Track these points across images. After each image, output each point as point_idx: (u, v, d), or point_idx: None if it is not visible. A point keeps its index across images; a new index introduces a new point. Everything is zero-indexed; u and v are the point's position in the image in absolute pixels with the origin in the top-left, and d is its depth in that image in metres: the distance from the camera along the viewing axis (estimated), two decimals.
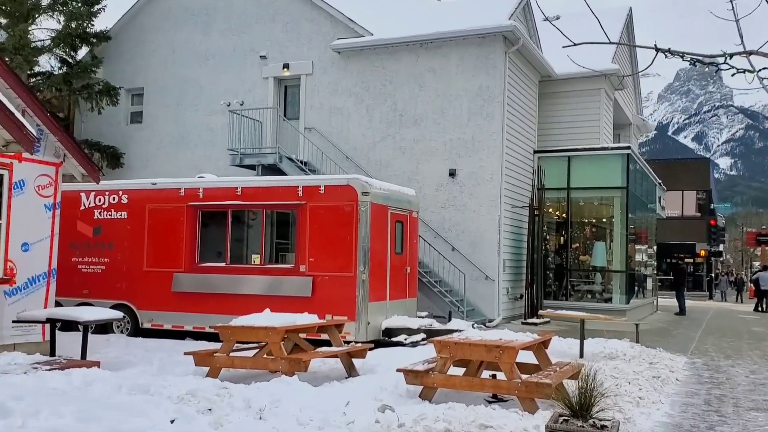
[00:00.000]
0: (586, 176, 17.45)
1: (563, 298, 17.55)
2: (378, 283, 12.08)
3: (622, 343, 11.67)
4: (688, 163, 51.48)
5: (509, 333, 7.43)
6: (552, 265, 18.28)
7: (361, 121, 17.24)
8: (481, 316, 15.33)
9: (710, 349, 12.81)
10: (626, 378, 8.38)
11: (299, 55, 18.18)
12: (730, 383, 9.02)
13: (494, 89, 15.73)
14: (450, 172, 16.05)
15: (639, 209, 19.68)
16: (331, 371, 9.18)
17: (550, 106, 18.79)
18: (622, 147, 17.26)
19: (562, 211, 18.01)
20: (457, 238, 15.86)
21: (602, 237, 18.71)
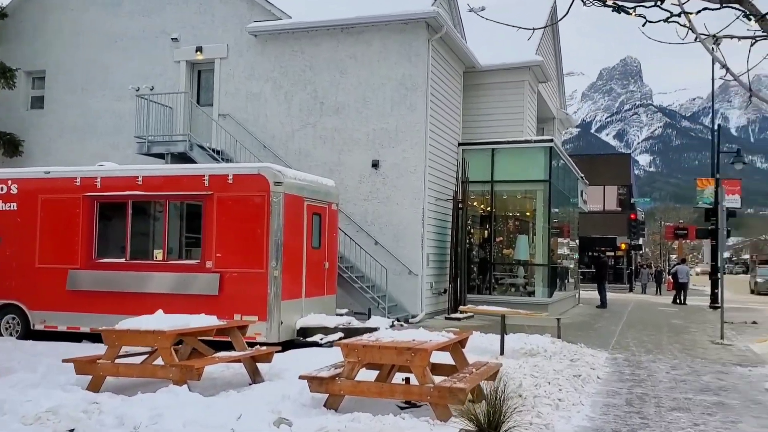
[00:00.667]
0: (509, 169, 17.19)
1: (487, 292, 17.25)
2: (292, 280, 11.35)
3: (543, 338, 11.35)
4: (609, 159, 52.84)
5: (424, 333, 6.87)
6: (476, 259, 17.97)
7: (280, 108, 16.41)
8: (404, 311, 14.82)
9: (631, 344, 12.70)
10: (546, 377, 7.98)
11: (213, 38, 17.16)
12: (652, 380, 8.77)
13: (417, 78, 15.21)
14: (373, 163, 15.45)
15: (561, 203, 19.63)
16: (234, 377, 8.41)
17: (474, 98, 18.45)
18: (545, 140, 17.07)
19: (486, 205, 17.71)
20: (381, 232, 15.29)
21: (525, 230, 18.54)
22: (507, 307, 15.96)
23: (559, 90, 24.39)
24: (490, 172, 17.20)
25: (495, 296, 17.01)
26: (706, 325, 17.03)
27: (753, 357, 11.37)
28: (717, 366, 10.23)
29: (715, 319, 18.93)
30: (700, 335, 14.68)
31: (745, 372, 9.66)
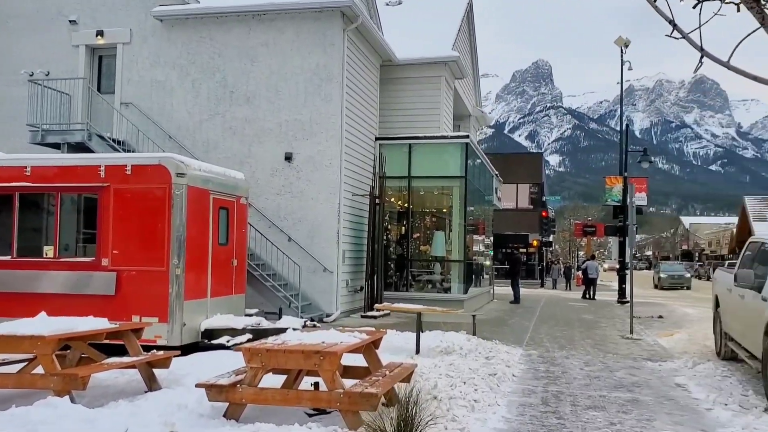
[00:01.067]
0: (426, 165, 17.02)
1: (404, 289, 17.02)
2: (196, 279, 10.63)
3: (459, 335, 11.16)
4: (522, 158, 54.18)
5: (335, 334, 6.42)
6: (393, 256, 17.71)
7: (186, 96, 15.55)
8: (319, 311, 14.34)
9: (545, 339, 12.72)
10: (462, 377, 7.71)
11: (115, 22, 16.08)
12: (566, 377, 8.68)
13: (332, 68, 14.74)
14: (286, 156, 14.86)
15: (477, 199, 19.67)
16: (129, 385, 7.69)
17: (391, 92, 18.16)
18: (461, 136, 17.00)
19: (403, 201, 17.47)
20: (294, 228, 14.73)
21: (442, 227, 18.44)
22: (424, 304, 15.83)
23: (475, 88, 24.52)
24: (407, 167, 16.96)
25: (412, 293, 16.82)
26: (615, 320, 17.44)
27: (661, 351, 11.59)
28: (628, 361, 10.32)
29: (624, 314, 19.48)
30: (610, 330, 14.95)
31: (656, 367, 9.77)
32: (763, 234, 8.68)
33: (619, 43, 25.53)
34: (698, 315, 19.56)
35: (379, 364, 6.91)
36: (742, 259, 9.67)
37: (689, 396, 7.70)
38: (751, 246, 9.58)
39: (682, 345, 12.80)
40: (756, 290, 7.97)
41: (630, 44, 25.55)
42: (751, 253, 9.41)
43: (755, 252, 9.08)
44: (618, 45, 25.59)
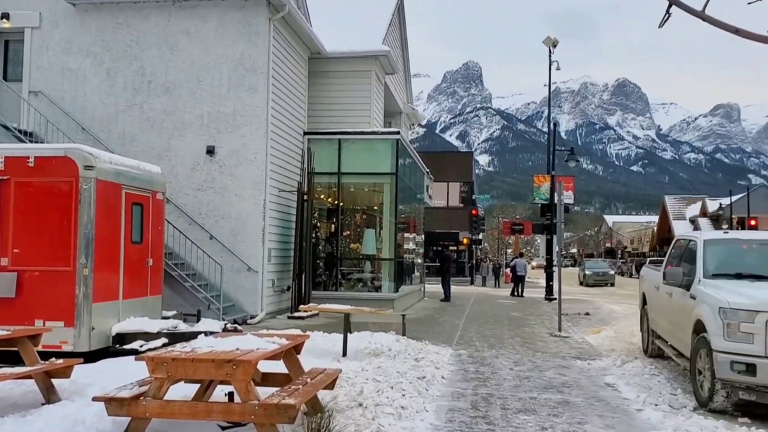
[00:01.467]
0: (356, 161, 16.62)
1: (334, 288, 16.57)
2: (107, 279, 9.88)
3: (388, 336, 10.81)
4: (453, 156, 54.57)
5: (251, 339, 5.92)
6: (322, 254, 17.23)
7: (101, 86, 14.60)
8: (243, 312, 13.72)
9: (474, 338, 12.54)
10: (389, 381, 7.34)
11: (23, 4, 14.95)
12: (496, 378, 8.45)
13: (257, 59, 14.12)
14: (208, 150, 14.15)
15: (408, 197, 19.42)
16: (24, 397, 6.96)
17: (321, 86, 17.67)
18: (392, 132, 16.68)
19: (333, 197, 17.01)
20: (217, 225, 14.04)
21: (373, 224, 18.09)
22: (354, 303, 15.41)
23: (406, 85, 24.29)
24: (336, 163, 16.52)
25: (342, 292, 16.40)
26: (543, 317, 17.52)
27: (589, 349, 11.58)
28: (558, 360, 10.22)
29: (551, 311, 19.65)
30: (539, 328, 14.95)
31: (585, 366, 9.69)
32: (691, 232, 8.69)
33: (548, 43, 25.84)
34: (623, 312, 19.94)
35: (300, 370, 6.45)
36: (669, 257, 9.70)
37: (619, 396, 7.58)
38: (677, 244, 9.63)
39: (610, 342, 12.88)
40: (684, 288, 7.95)
41: (558, 44, 25.90)
42: (677, 251, 9.44)
43: (682, 250, 9.11)
44: (546, 45, 25.90)
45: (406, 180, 18.30)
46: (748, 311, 6.50)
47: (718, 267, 7.84)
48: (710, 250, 8.02)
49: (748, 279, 7.45)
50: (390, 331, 11.25)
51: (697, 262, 7.99)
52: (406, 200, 18.94)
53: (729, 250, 8.20)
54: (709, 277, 7.69)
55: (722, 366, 6.56)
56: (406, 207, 19.13)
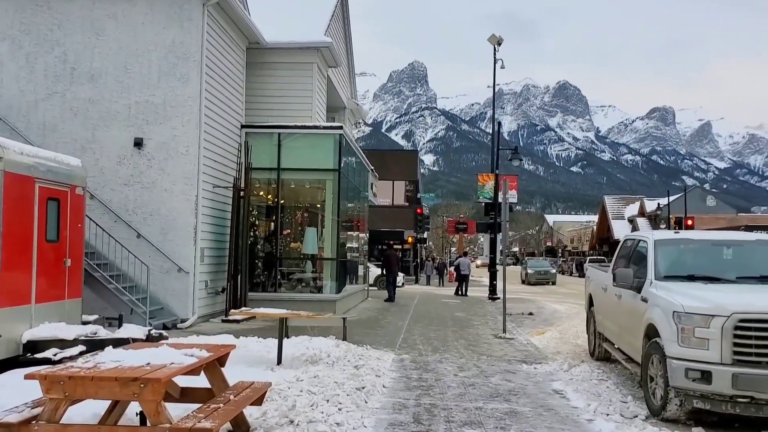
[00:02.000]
0: (297, 156, 15.93)
1: (273, 289, 15.84)
2: (16, 281, 8.97)
3: (327, 341, 10.21)
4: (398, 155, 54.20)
5: (166, 352, 5.24)
6: (261, 254, 16.48)
7: (19, 72, 13.49)
8: (173, 315, 12.87)
9: (418, 341, 12.06)
10: (325, 393, 6.75)
11: None
12: (440, 386, 7.96)
13: (190, 46, 13.28)
14: (136, 142, 13.23)
15: (352, 194, 18.84)
16: None
17: (260, 78, 16.89)
18: (335, 126, 16.03)
19: (272, 194, 16.26)
20: (145, 223, 13.15)
21: (314, 222, 17.43)
22: (294, 305, 14.79)
23: (350, 79, 23.67)
24: (276, 158, 15.79)
25: (281, 294, 15.71)
26: (487, 318, 17.23)
27: (535, 352, 11.25)
28: (503, 364, 9.83)
29: (495, 311, 19.42)
30: (483, 329, 14.61)
31: (531, 370, 9.32)
32: (640, 232, 8.39)
33: (492, 41, 25.71)
34: (566, 311, 19.88)
35: (224, 384, 5.80)
36: (617, 258, 9.42)
37: (568, 404, 7.20)
38: (625, 244, 9.34)
39: (555, 344, 12.61)
40: (635, 290, 7.63)
41: (502, 42, 25.80)
42: (625, 251, 9.16)
43: (630, 250, 8.82)
44: (491, 42, 25.77)
45: (349, 177, 17.72)
46: (703, 315, 6.19)
47: (670, 268, 7.55)
48: (662, 251, 7.73)
49: (702, 281, 7.17)
50: (330, 336, 10.66)
51: (648, 264, 7.69)
52: (349, 198, 18.36)
53: (681, 251, 7.93)
54: (660, 278, 7.38)
55: (676, 373, 6.23)
56: (349, 205, 18.56)
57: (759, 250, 7.75)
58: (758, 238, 7.89)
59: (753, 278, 7.25)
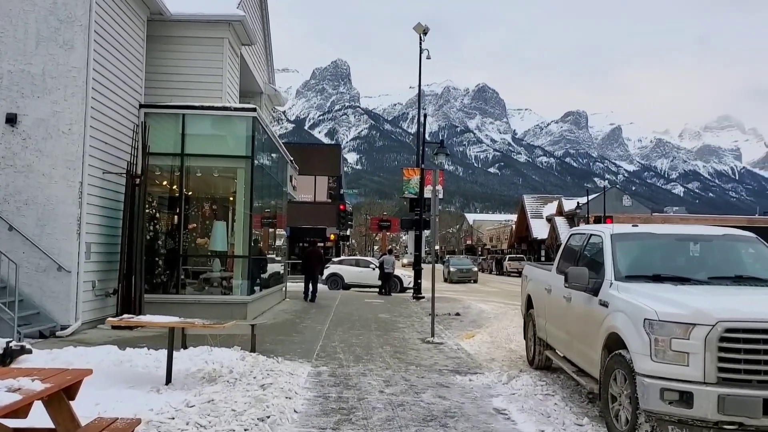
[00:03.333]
0: (204, 141, 14.24)
1: (175, 290, 14.08)
2: None
3: (232, 353, 8.72)
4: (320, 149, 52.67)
5: None
6: (163, 250, 14.67)
7: None
8: (51, 322, 10.97)
9: (338, 349, 10.70)
10: (218, 427, 5.30)
11: None
12: (364, 408, 6.63)
13: (76, 8, 11.38)
14: (8, 118, 11.23)
15: (267, 185, 17.23)
16: None
17: (164, 54, 15.05)
18: (248, 108, 14.38)
19: (176, 183, 14.46)
20: (18, 213, 11.17)
21: (224, 216, 15.74)
22: (199, 309, 13.14)
23: (267, 63, 21.97)
24: (180, 143, 14.03)
25: (186, 296, 14.01)
26: (413, 319, 16.07)
27: (468, 359, 10.12)
28: (434, 375, 8.62)
29: (421, 311, 18.31)
30: (409, 332, 13.42)
31: (466, 383, 8.14)
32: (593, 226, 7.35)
33: (419, 30, 24.67)
34: (493, 311, 19.01)
35: (73, 424, 4.26)
36: (563, 255, 8.37)
37: (515, 429, 6.04)
38: (573, 240, 8.30)
39: (487, 349, 11.56)
40: (591, 293, 6.55)
41: (428, 32, 24.81)
42: (573, 248, 8.10)
43: (580, 247, 7.76)
44: (417, 31, 24.73)
45: (264, 166, 16.13)
46: (681, 324, 5.13)
47: (632, 267, 6.51)
48: (621, 247, 6.68)
49: (670, 281, 6.15)
50: (235, 346, 9.15)
51: (605, 262, 6.63)
52: (264, 189, 16.76)
53: (643, 247, 6.91)
54: (621, 279, 6.33)
55: (649, 394, 5.15)
56: (264, 197, 16.94)
57: (729, 247, 6.82)
58: (727, 233, 6.96)
59: (727, 278, 6.30)
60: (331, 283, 29.00)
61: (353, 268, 30.70)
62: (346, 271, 30.17)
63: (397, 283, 28.01)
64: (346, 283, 29.40)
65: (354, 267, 31.02)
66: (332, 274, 29.52)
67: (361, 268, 30.76)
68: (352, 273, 30.11)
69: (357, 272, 30.24)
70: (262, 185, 16.04)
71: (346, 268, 30.62)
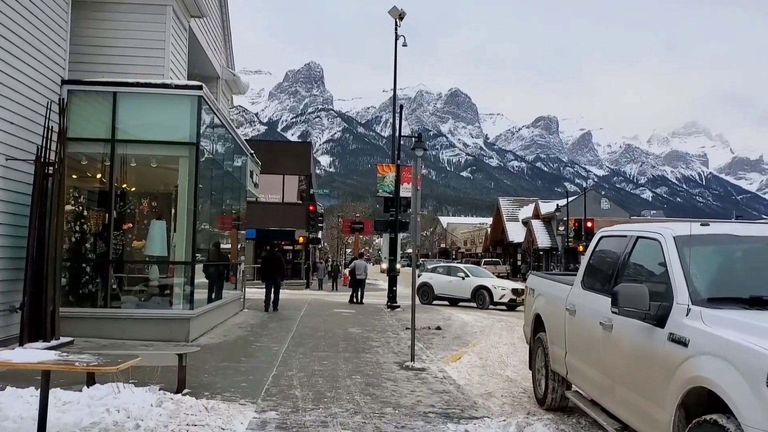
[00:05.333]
0: (140, 125, 11.89)
1: (103, 303, 11.74)
2: None
3: (146, 395, 6.47)
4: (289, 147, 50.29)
5: None
6: (90, 255, 12.31)
7: None
8: None
9: (295, 380, 8.49)
10: None
11: None
12: None
13: None
14: None
15: (219, 179, 14.93)
16: None
17: (95, 22, 12.74)
18: (193, 86, 12.05)
19: (104, 175, 12.11)
20: None
21: (164, 214, 13.39)
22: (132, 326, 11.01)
23: (225, 45, 19.64)
24: (110, 126, 11.69)
25: (115, 310, 11.79)
26: (388, 335, 13.93)
27: (458, 395, 7.98)
28: (419, 423, 6.47)
29: (397, 324, 16.19)
30: (384, 353, 11.27)
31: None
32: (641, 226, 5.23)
33: (394, 14, 22.66)
34: (477, 324, 16.98)
35: None
36: (591, 265, 6.29)
37: None
38: (607, 245, 6.20)
39: (479, 377, 9.48)
40: (653, 322, 4.46)
41: (405, 17, 22.81)
42: (611, 254, 5.99)
43: (621, 254, 5.64)
44: (393, 16, 22.72)
45: (215, 156, 13.82)
46: None
47: (716, 286, 4.45)
48: (694, 256, 4.59)
49: None
50: (152, 385, 6.89)
51: (673, 277, 4.55)
52: (216, 183, 14.49)
53: (724, 255, 4.85)
54: (701, 303, 4.26)
55: None
56: (216, 192, 14.61)
57: None
58: None
59: None
60: (422, 295, 24.93)
61: (444, 278, 26.03)
62: (437, 281, 25.92)
63: (485, 296, 24.43)
64: (436, 295, 25.54)
65: (445, 276, 26.12)
66: (423, 285, 25.39)
67: (451, 277, 25.92)
68: (443, 283, 25.75)
69: (447, 282, 25.74)
70: (212, 178, 13.77)
71: (438, 278, 26.13)
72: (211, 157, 13.32)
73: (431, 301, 25.08)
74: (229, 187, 16.54)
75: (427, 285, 25.72)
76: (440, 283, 25.86)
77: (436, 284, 25.85)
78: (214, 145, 13.65)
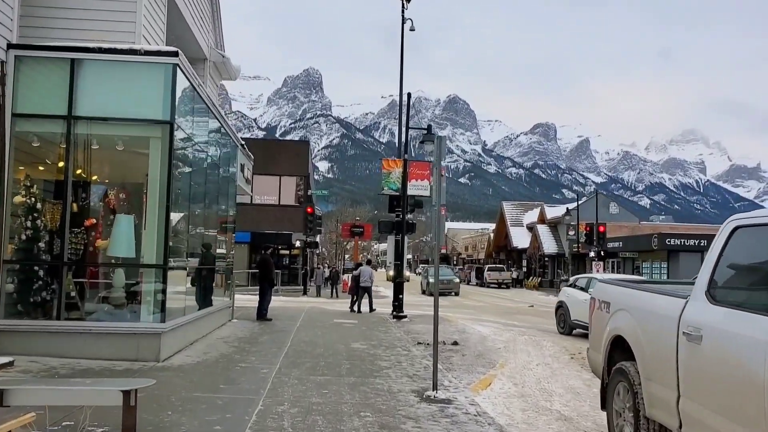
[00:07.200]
0: (104, 99, 9.85)
1: (57, 315, 9.68)
2: None
3: None
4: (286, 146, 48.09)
5: None
6: (44, 256, 10.22)
7: None
8: None
9: (287, 421, 6.42)
10: None
11: None
12: None
13: None
14: None
15: (201, 166, 12.86)
16: None
17: None
18: (166, 52, 10.02)
19: (60, 160, 10.04)
20: None
21: (134, 208, 11.28)
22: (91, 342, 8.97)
23: (214, 24, 17.61)
24: (68, 100, 9.65)
25: (71, 322, 9.71)
26: (398, 351, 11.87)
27: None
28: None
29: (405, 337, 14.14)
30: (397, 376, 9.22)
31: None
32: None
33: None
34: (499, 338, 14.97)
35: None
36: (722, 267, 4.26)
37: None
38: (749, 235, 4.17)
39: (523, 415, 7.43)
40: None
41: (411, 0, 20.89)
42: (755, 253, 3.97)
43: None
44: None
45: (194, 136, 11.72)
46: None
47: None
48: None
49: None
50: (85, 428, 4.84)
51: None
52: (197, 172, 12.43)
53: None
54: None
55: None
56: (197, 183, 12.51)
57: None
58: None
59: None
60: (559, 319, 18.12)
61: (581, 296, 16.79)
62: (573, 302, 17.34)
63: None
64: (573, 322, 17.15)
65: (581, 293, 17.01)
66: (560, 306, 18.21)
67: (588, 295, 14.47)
68: (579, 303, 16.37)
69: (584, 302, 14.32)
70: (191, 164, 11.72)
71: (575, 296, 17.45)
72: (191, 140, 11.27)
73: (569, 331, 17.31)
74: (215, 179, 14.48)
75: (563, 307, 17.95)
76: (576, 304, 16.91)
77: (572, 305, 17.31)
78: (195, 128, 11.59)
